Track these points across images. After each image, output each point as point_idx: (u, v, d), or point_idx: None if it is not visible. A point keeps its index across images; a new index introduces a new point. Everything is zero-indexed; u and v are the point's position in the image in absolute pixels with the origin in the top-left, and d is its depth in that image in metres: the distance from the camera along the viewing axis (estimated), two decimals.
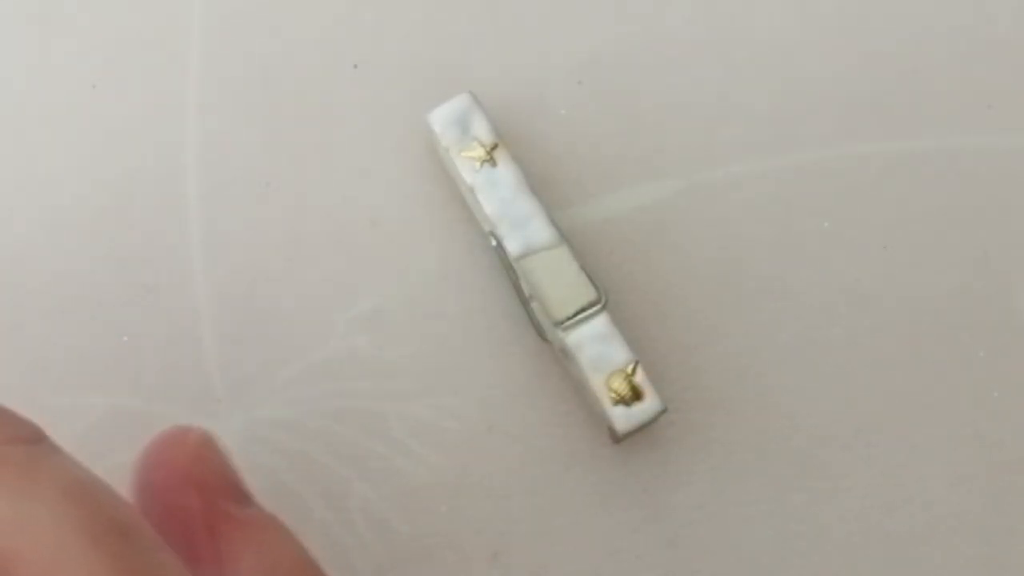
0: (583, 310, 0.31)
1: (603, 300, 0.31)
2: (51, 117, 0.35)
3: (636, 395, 0.30)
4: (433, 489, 0.31)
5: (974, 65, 0.36)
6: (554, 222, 0.32)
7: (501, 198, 0.32)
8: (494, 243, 0.32)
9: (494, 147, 0.32)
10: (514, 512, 0.31)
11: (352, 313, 0.33)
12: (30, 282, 0.33)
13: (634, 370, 0.30)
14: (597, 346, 0.30)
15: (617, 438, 0.30)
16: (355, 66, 0.36)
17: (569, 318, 0.30)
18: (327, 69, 0.35)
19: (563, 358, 0.31)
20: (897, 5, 0.37)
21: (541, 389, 0.32)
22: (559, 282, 0.31)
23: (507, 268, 0.32)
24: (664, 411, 0.30)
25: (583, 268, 0.31)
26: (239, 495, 0.27)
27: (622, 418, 0.30)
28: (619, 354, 0.30)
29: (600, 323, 0.30)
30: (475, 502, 0.31)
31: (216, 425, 0.32)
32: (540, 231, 0.31)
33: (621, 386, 0.30)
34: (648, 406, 0.30)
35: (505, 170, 0.32)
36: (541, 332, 0.32)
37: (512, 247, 0.31)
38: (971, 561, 0.31)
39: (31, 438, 0.22)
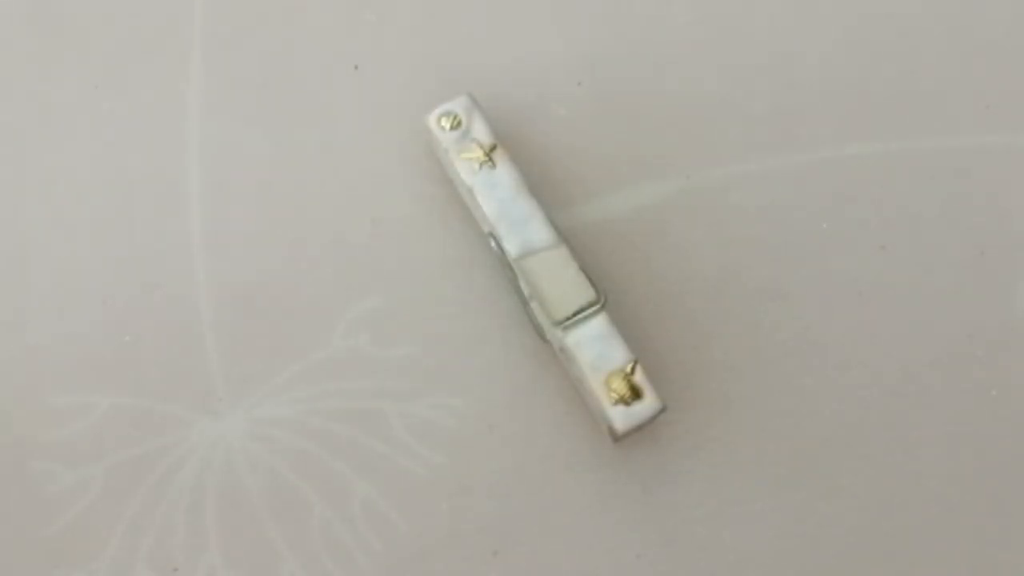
0: (582, 310, 0.31)
1: (602, 300, 0.31)
2: (53, 118, 0.35)
3: (635, 394, 0.30)
4: (433, 488, 0.31)
5: (973, 65, 0.36)
6: (553, 222, 0.32)
7: (500, 199, 0.32)
8: (493, 244, 0.32)
9: (493, 148, 0.32)
10: (514, 511, 0.31)
11: (352, 313, 0.33)
12: (32, 281, 0.33)
13: (633, 369, 0.30)
14: (596, 346, 0.30)
15: (617, 437, 0.30)
16: (355, 66, 0.36)
17: (568, 318, 0.31)
18: (327, 69, 0.36)
19: (563, 358, 0.32)
20: (896, 5, 0.37)
21: (541, 389, 0.32)
22: (558, 282, 0.31)
23: (506, 268, 0.32)
24: (663, 410, 0.30)
25: (582, 268, 0.31)
26: None
27: (621, 417, 0.30)
28: (618, 354, 0.30)
29: (599, 323, 0.31)
30: (475, 501, 0.31)
31: (217, 424, 0.32)
32: (539, 232, 0.31)
33: (620, 386, 0.30)
34: (647, 405, 0.30)
35: (504, 171, 0.32)
36: (541, 332, 0.32)
37: (511, 248, 0.31)
38: (971, 561, 0.31)
39: None
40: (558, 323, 0.31)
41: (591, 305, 0.31)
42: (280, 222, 0.34)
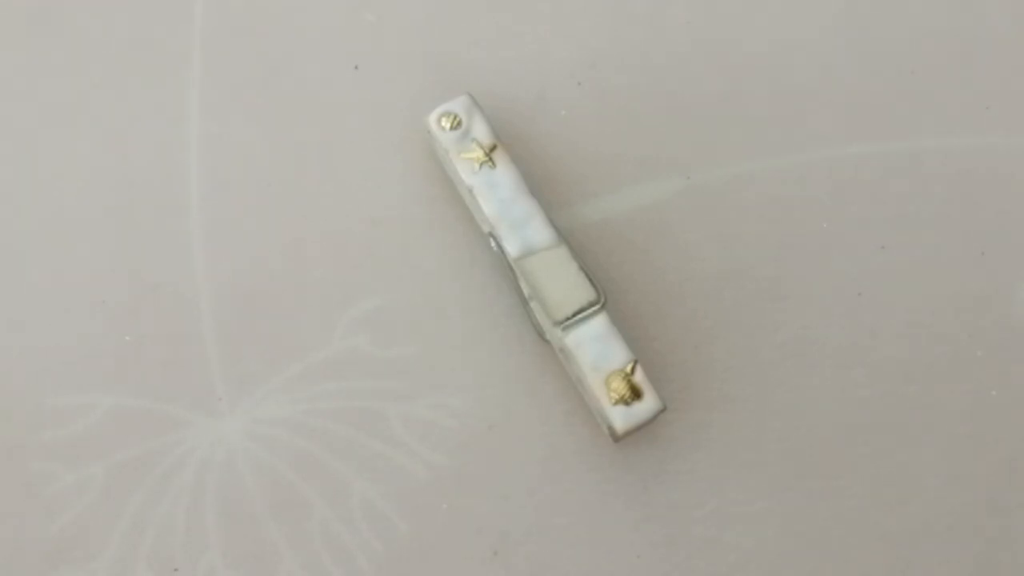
0: (582, 310, 0.31)
1: (602, 300, 0.31)
2: (53, 118, 0.35)
3: (635, 394, 0.30)
4: (433, 487, 0.31)
5: (972, 66, 0.36)
6: (553, 222, 0.32)
7: (500, 199, 0.32)
8: (493, 244, 0.32)
9: (493, 148, 0.32)
10: (514, 511, 0.31)
11: (352, 313, 0.33)
12: (32, 281, 0.33)
13: (633, 369, 0.30)
14: (596, 346, 0.30)
15: (617, 437, 0.30)
16: (355, 66, 0.36)
17: (568, 318, 0.31)
18: (327, 69, 0.36)
19: (563, 358, 0.32)
20: (896, 5, 0.37)
21: (541, 389, 0.32)
22: (558, 282, 0.31)
23: (506, 269, 0.32)
24: (663, 410, 0.30)
25: (582, 268, 0.31)
26: None
27: (621, 417, 0.30)
28: (618, 354, 0.30)
29: (599, 323, 0.31)
30: (475, 500, 0.31)
31: (217, 424, 0.32)
32: (539, 232, 0.31)
33: (620, 386, 0.30)
34: (647, 405, 0.30)
35: (504, 171, 0.32)
36: (541, 332, 0.32)
37: (511, 248, 0.31)
38: (970, 561, 0.31)
39: None
40: (558, 323, 0.31)
41: (591, 305, 0.31)
42: (280, 222, 0.34)
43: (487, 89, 0.35)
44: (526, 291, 0.31)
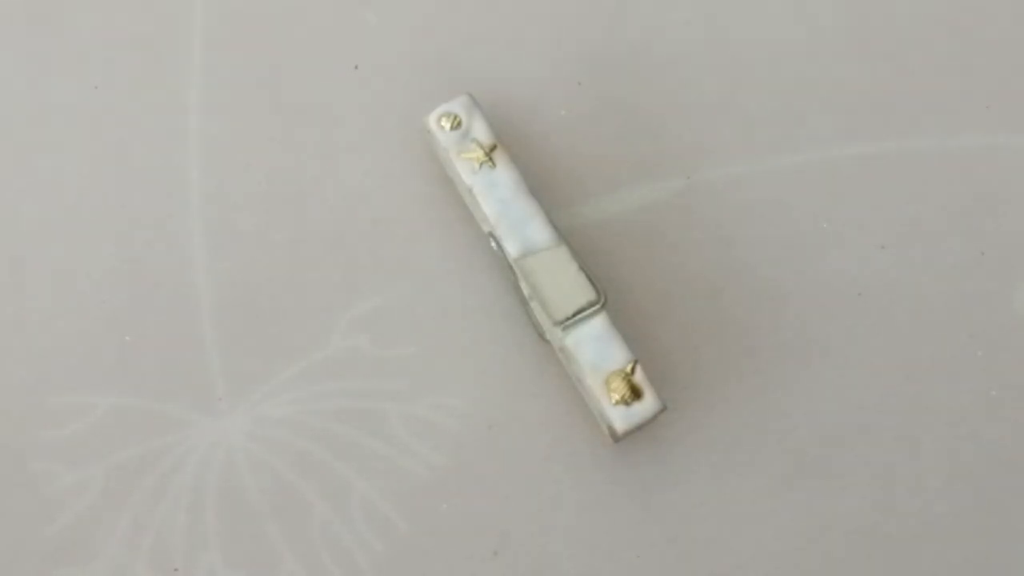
0: (582, 310, 0.31)
1: (602, 300, 0.31)
2: (53, 117, 0.35)
3: (635, 394, 0.30)
4: (433, 487, 0.31)
5: (973, 65, 0.36)
6: (553, 222, 0.32)
7: (500, 199, 0.32)
8: (493, 244, 0.32)
9: (493, 148, 0.32)
10: (514, 510, 0.31)
11: (352, 313, 0.33)
12: (32, 281, 0.33)
13: (633, 369, 0.30)
14: (596, 346, 0.30)
15: (617, 437, 0.30)
16: (355, 66, 0.36)
17: (568, 318, 0.31)
18: (327, 69, 0.36)
19: (563, 358, 0.32)
20: (896, 6, 0.37)
21: (541, 389, 0.32)
22: (558, 282, 0.31)
23: (506, 269, 0.32)
24: (663, 410, 0.30)
25: (582, 268, 0.31)
26: None
27: (621, 417, 0.30)
28: (618, 354, 0.30)
29: (599, 323, 0.31)
30: (475, 500, 0.31)
31: (217, 424, 0.32)
32: (539, 232, 0.31)
33: (620, 386, 0.30)
34: (647, 405, 0.30)
35: (504, 171, 0.32)
36: (541, 332, 0.32)
37: (511, 248, 0.31)
38: (970, 561, 0.31)
39: None
40: (558, 323, 0.31)
41: (591, 305, 0.31)
42: (280, 222, 0.34)
43: (487, 89, 0.35)
44: (526, 291, 0.31)
